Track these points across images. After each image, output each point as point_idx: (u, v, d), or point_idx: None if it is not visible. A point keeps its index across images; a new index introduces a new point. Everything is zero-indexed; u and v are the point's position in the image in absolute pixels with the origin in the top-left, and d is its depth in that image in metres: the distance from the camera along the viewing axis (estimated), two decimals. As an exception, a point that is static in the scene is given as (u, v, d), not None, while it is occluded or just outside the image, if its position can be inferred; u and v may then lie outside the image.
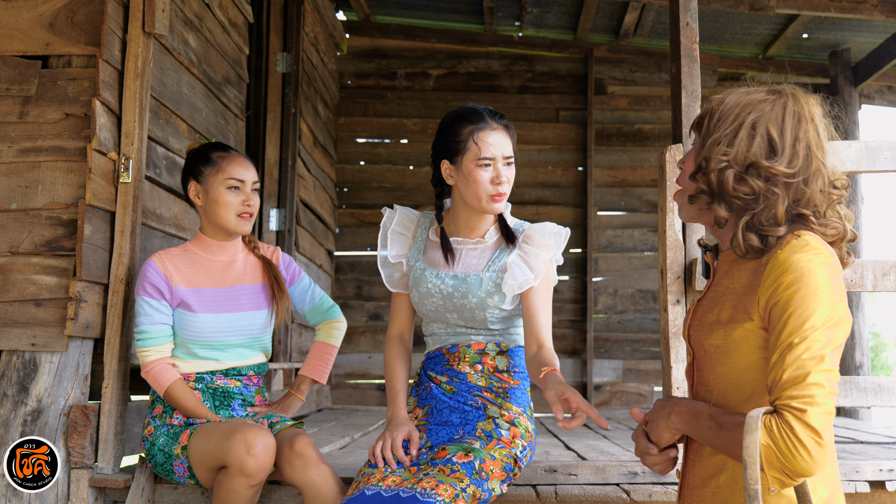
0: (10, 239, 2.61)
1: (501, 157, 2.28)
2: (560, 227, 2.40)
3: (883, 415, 9.27)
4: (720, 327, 1.66)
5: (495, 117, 2.31)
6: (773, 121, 1.65)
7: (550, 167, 6.68)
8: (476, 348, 2.39)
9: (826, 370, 1.48)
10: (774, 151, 1.63)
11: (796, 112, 1.66)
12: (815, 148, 1.65)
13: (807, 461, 1.45)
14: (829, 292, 1.52)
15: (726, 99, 1.71)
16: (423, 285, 2.38)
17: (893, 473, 2.62)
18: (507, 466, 2.22)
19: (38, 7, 2.70)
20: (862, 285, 2.59)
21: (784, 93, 1.69)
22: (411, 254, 2.46)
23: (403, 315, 2.51)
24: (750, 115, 1.66)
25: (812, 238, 1.58)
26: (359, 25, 6.68)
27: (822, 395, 1.46)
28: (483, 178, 2.26)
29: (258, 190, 2.57)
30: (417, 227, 2.49)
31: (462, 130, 2.29)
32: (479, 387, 2.35)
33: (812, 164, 1.64)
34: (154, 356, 2.46)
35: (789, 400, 1.47)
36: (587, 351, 6.41)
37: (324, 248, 6.03)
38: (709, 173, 1.66)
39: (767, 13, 4.34)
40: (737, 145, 1.64)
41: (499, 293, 2.32)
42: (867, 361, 6.14)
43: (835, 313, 1.52)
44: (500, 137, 2.29)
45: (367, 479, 2.13)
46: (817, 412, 1.45)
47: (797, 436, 1.44)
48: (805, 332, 1.49)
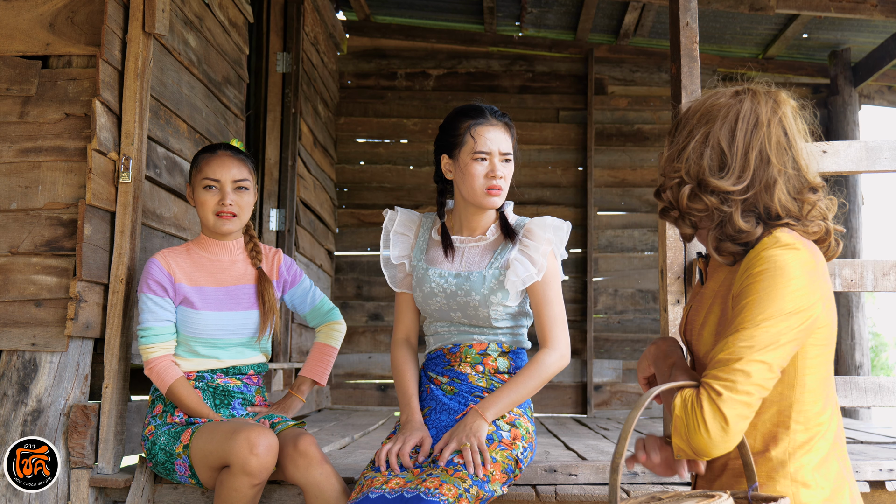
0: (10, 239, 2.61)
1: (498, 153, 2.30)
2: (560, 221, 2.39)
3: (883, 415, 9.28)
4: (710, 332, 1.67)
5: (495, 114, 2.34)
6: (725, 130, 1.62)
7: (550, 167, 6.68)
8: (478, 349, 2.38)
9: (760, 360, 1.47)
10: (724, 164, 1.61)
11: (752, 118, 1.62)
12: (772, 151, 1.61)
13: (706, 442, 1.46)
14: (796, 285, 1.51)
15: (690, 106, 1.70)
16: (427, 285, 2.38)
17: (893, 473, 2.62)
18: (509, 468, 2.22)
19: (38, 7, 2.70)
20: (862, 285, 2.59)
21: (743, 95, 1.65)
22: (414, 254, 2.46)
23: (409, 316, 2.50)
24: (704, 125, 1.63)
25: (785, 234, 1.57)
26: (359, 25, 6.68)
27: (745, 382, 1.46)
28: (478, 171, 2.29)
29: (246, 188, 2.53)
30: (419, 227, 2.50)
31: (461, 125, 2.33)
32: (480, 388, 2.35)
33: (769, 172, 1.60)
34: (158, 353, 2.46)
35: (712, 380, 1.48)
36: (587, 351, 6.41)
37: (324, 248, 6.03)
38: (665, 189, 1.66)
39: (767, 13, 4.34)
40: (687, 160, 1.63)
41: (502, 290, 2.32)
42: (867, 361, 6.14)
43: (796, 304, 1.50)
44: (498, 133, 2.32)
45: (370, 483, 2.13)
46: (732, 398, 1.45)
47: (703, 416, 1.45)
48: (757, 320, 1.49)
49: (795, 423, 1.57)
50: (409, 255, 2.47)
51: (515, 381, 2.29)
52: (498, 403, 2.25)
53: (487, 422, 2.23)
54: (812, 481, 1.56)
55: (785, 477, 1.56)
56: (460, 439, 2.18)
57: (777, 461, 1.57)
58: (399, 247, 2.47)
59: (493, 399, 2.26)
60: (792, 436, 1.57)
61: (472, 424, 2.21)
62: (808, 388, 1.57)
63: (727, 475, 1.65)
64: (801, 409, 1.57)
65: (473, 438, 2.17)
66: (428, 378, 2.43)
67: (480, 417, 2.22)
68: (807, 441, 1.58)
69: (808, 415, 1.58)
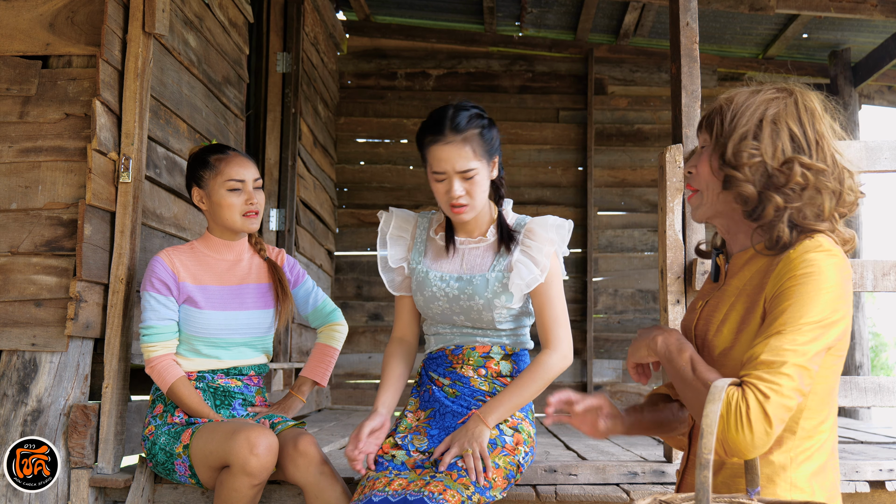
0: (10, 239, 2.61)
1: (454, 172, 2.19)
2: (563, 220, 2.35)
3: (883, 415, 9.27)
4: (730, 329, 1.65)
5: (455, 128, 2.17)
6: (791, 117, 1.62)
7: (550, 167, 6.68)
8: (481, 351, 2.34)
9: (802, 366, 1.47)
10: (801, 148, 1.61)
11: (809, 108, 1.64)
12: (832, 147, 1.63)
13: (747, 444, 1.44)
14: (835, 293, 1.51)
15: (734, 97, 1.69)
16: (428, 289, 2.33)
17: (893, 473, 2.62)
18: (510, 474, 2.21)
19: (38, 7, 2.70)
20: (862, 285, 2.59)
21: (792, 90, 1.67)
22: (412, 256, 2.40)
23: (407, 318, 2.46)
24: (768, 110, 1.64)
25: (825, 240, 1.57)
26: (359, 25, 6.68)
27: (789, 387, 1.45)
28: (439, 189, 2.23)
29: (261, 187, 2.57)
30: (415, 227, 2.44)
31: (423, 140, 2.24)
32: (483, 391, 2.32)
33: (838, 162, 1.62)
34: (160, 352, 2.46)
35: (757, 381, 1.46)
36: (587, 351, 6.41)
37: (324, 248, 6.03)
38: (741, 167, 1.63)
39: (767, 13, 4.34)
40: (764, 139, 1.62)
41: (506, 293, 2.27)
42: (867, 361, 6.14)
43: (835, 315, 1.51)
44: (454, 150, 2.17)
45: (372, 484, 2.12)
46: (778, 402, 1.44)
47: (750, 416, 1.43)
48: (798, 324, 1.48)
49: (802, 429, 1.57)
50: (406, 258, 2.41)
51: (518, 384, 2.26)
52: (500, 408, 2.23)
53: (489, 427, 2.21)
54: (809, 489, 1.56)
55: (785, 481, 1.56)
56: (462, 444, 2.16)
57: (779, 465, 1.57)
58: (396, 249, 2.41)
59: (495, 404, 2.23)
60: (796, 441, 1.57)
61: (475, 430, 2.19)
62: (818, 395, 1.57)
63: (724, 474, 1.64)
64: (810, 415, 1.57)
65: (475, 444, 2.15)
66: (429, 378, 2.40)
67: (482, 423, 2.20)
68: (808, 448, 1.57)
69: (814, 422, 1.58)
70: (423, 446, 2.26)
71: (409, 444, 2.27)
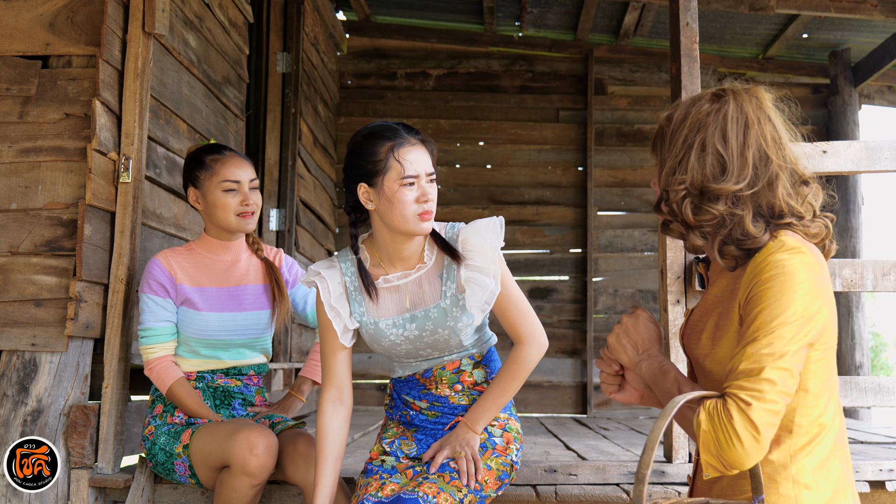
0: (10, 239, 2.61)
1: (424, 175, 2.10)
2: (491, 218, 2.22)
3: (883, 415, 9.27)
4: (707, 336, 1.67)
5: (411, 132, 2.13)
6: (718, 135, 1.62)
7: (550, 167, 6.68)
8: (451, 367, 2.26)
9: (782, 368, 1.47)
10: (724, 168, 1.61)
11: (741, 116, 1.63)
12: (769, 148, 1.62)
13: (740, 454, 1.45)
14: (805, 290, 1.51)
15: (674, 116, 1.70)
16: (385, 339, 2.20)
17: (893, 473, 2.62)
18: (504, 474, 2.21)
19: (38, 7, 2.70)
20: (862, 285, 2.59)
21: (726, 97, 1.66)
22: (352, 308, 2.23)
23: (342, 370, 2.25)
24: (697, 133, 1.64)
25: (789, 238, 1.58)
26: (359, 25, 6.68)
27: (771, 391, 1.46)
28: (408, 197, 2.08)
29: (257, 188, 2.57)
30: (342, 276, 2.23)
31: (380, 149, 2.09)
32: (463, 405, 2.27)
33: (770, 167, 1.62)
34: (158, 353, 2.46)
35: (738, 390, 1.47)
36: (587, 351, 6.41)
37: (324, 248, 6.03)
38: (671, 204, 1.66)
39: (767, 13, 4.34)
40: (689, 170, 1.63)
41: (465, 313, 2.17)
42: (867, 361, 6.14)
43: (808, 311, 1.51)
44: (421, 153, 2.11)
45: (365, 490, 2.11)
46: (762, 408, 1.45)
47: (734, 427, 1.44)
48: (771, 327, 1.49)
49: (798, 426, 1.57)
50: (349, 313, 2.23)
51: (500, 385, 2.21)
52: (486, 413, 2.21)
53: (478, 434, 2.20)
54: (813, 483, 1.56)
55: (787, 479, 1.56)
56: (454, 447, 2.16)
57: (779, 463, 1.57)
58: (343, 310, 2.21)
59: (480, 409, 2.21)
60: (794, 438, 1.57)
61: (465, 436, 2.19)
62: (811, 392, 1.57)
63: (727, 477, 1.64)
64: (804, 412, 1.57)
65: (467, 448, 2.15)
66: (404, 402, 2.31)
67: (470, 430, 2.19)
68: (808, 443, 1.58)
69: (810, 417, 1.58)
70: (413, 452, 2.25)
71: (397, 451, 2.26)
